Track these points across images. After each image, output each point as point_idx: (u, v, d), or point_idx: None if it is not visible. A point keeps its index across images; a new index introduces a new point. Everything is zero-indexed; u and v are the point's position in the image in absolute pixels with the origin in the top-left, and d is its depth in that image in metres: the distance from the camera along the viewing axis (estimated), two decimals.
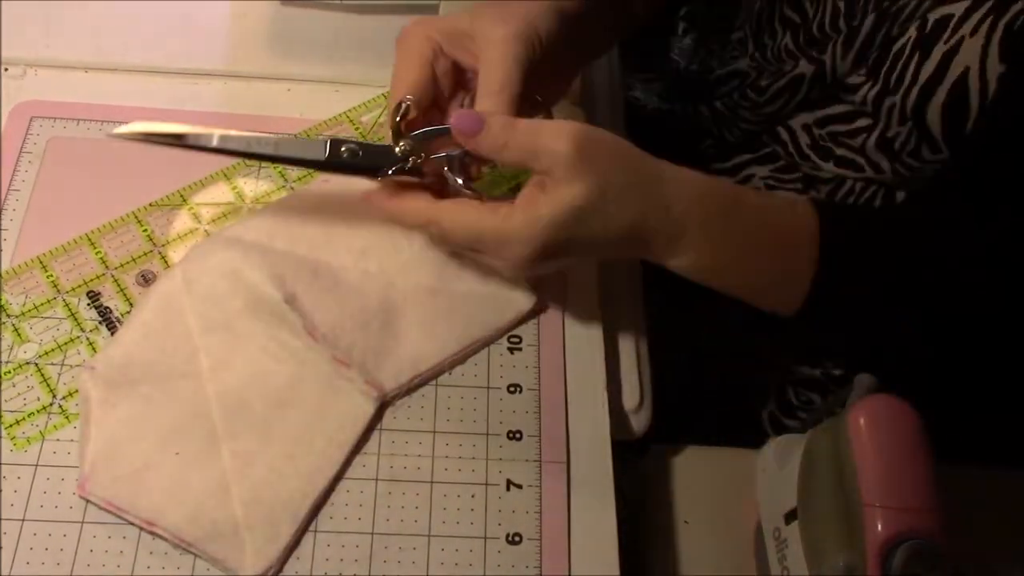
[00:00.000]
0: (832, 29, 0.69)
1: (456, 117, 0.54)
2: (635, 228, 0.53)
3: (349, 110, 0.70)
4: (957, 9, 0.60)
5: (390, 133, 0.56)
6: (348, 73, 0.73)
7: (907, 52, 0.62)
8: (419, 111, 0.57)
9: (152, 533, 0.53)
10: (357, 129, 0.70)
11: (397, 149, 0.55)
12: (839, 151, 0.71)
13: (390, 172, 0.55)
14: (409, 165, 0.55)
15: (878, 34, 0.65)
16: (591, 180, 0.51)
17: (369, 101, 0.71)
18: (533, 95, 0.57)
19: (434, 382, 0.60)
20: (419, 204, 0.55)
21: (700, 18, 0.92)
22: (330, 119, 0.70)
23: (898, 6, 0.64)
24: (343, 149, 0.55)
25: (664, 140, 0.85)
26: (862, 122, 0.69)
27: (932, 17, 0.61)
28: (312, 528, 0.55)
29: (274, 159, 0.56)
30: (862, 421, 0.52)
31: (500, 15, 0.56)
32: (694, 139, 0.85)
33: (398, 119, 0.56)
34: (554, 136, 0.51)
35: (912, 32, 0.62)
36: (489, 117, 0.53)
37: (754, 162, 0.80)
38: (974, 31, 0.59)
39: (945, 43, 0.60)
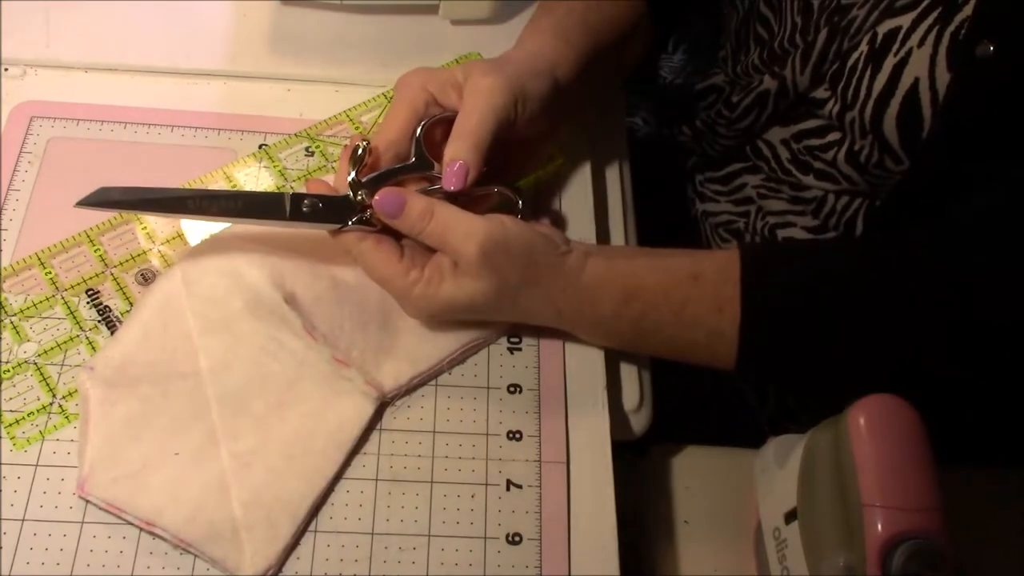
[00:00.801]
0: (790, 44, 0.70)
1: (380, 196, 0.56)
2: (526, 318, 0.59)
3: (349, 110, 0.70)
4: (905, 21, 0.60)
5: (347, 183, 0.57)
6: (348, 73, 0.73)
7: (860, 66, 0.63)
8: (378, 155, 0.59)
9: (151, 533, 0.53)
10: (358, 129, 0.70)
11: (357, 198, 0.57)
12: (816, 164, 0.72)
13: (350, 223, 0.57)
14: (368, 215, 0.57)
15: (831, 48, 0.66)
16: (490, 282, 0.56)
17: (369, 101, 0.71)
18: (508, 143, 0.60)
19: (434, 382, 0.60)
20: (350, 239, 0.58)
21: (692, 34, 0.93)
22: (330, 119, 0.70)
23: (848, 19, 0.65)
24: (304, 203, 0.57)
25: (654, 162, 0.87)
26: (833, 136, 0.70)
27: (881, 30, 0.62)
28: (312, 528, 0.55)
29: (236, 218, 0.57)
30: (862, 421, 0.52)
31: (492, 67, 0.59)
32: (680, 157, 0.88)
33: (355, 170, 0.57)
34: (463, 238, 0.55)
35: (864, 46, 0.63)
36: (409, 201, 0.56)
37: (745, 171, 0.81)
38: (921, 42, 0.59)
39: (895, 55, 0.61)
